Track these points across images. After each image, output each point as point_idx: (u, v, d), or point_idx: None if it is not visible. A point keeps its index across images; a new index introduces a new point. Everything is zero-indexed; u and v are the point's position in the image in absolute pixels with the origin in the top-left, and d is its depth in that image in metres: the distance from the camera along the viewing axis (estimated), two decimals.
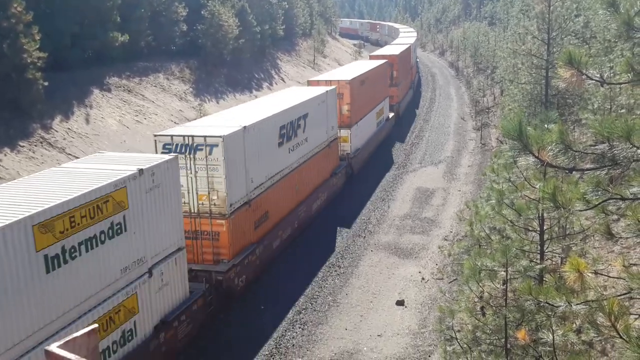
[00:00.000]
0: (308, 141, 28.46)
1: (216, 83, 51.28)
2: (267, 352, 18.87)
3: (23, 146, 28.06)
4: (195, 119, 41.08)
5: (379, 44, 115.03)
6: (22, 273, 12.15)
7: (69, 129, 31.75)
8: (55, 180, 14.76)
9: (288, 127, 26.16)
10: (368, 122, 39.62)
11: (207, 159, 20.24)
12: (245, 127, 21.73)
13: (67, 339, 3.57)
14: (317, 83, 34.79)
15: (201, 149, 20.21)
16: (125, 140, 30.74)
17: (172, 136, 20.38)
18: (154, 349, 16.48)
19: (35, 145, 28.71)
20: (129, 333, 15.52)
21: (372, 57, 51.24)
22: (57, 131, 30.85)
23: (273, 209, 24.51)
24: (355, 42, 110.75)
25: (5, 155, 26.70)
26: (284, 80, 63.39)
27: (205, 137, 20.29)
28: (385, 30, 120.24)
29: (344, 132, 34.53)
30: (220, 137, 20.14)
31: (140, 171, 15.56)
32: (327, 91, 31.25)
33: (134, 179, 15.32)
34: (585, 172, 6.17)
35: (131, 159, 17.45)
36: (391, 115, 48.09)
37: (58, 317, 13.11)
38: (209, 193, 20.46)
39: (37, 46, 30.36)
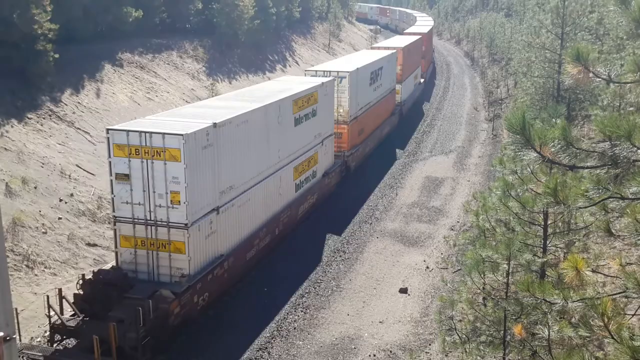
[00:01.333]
0: (382, 86, 40.12)
1: (229, 63, 51.11)
2: (268, 334, 18.94)
3: (31, 118, 28.07)
4: (206, 99, 41.07)
5: (389, 29, 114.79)
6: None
7: (78, 103, 31.74)
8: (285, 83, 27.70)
9: (374, 74, 37.49)
10: (409, 82, 51.33)
11: (338, 87, 31.33)
12: (358, 68, 33.63)
13: None
14: (379, 49, 47.65)
15: (344, 77, 32.03)
16: (135, 117, 30.67)
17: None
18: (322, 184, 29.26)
19: (44, 118, 28.72)
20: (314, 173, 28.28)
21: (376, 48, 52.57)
22: (66, 105, 30.84)
23: (367, 125, 36.72)
24: (372, 27, 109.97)
25: (12, 126, 26.72)
26: (297, 63, 63.12)
27: (338, 71, 32.30)
28: (396, 15, 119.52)
29: (397, 86, 45.65)
30: (347, 72, 32.10)
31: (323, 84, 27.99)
32: (392, 53, 42.89)
33: (321, 87, 27.92)
34: (585, 169, 6.09)
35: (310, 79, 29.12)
36: (422, 80, 59.98)
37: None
38: (338, 108, 31.84)
39: (49, 17, 30.25)
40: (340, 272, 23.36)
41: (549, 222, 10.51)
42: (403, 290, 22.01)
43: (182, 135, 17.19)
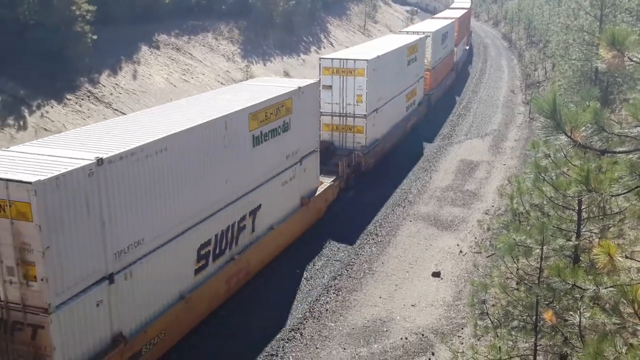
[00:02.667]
0: (447, 47, 50.18)
1: (264, 45, 51.16)
2: (300, 315, 19.11)
3: (70, 99, 28.60)
4: (241, 81, 41.23)
5: (419, 6, 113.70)
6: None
7: (116, 84, 32.21)
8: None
9: (443, 36, 47.67)
10: (461, 47, 60.13)
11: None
12: (438, 29, 45.47)
13: None
14: (439, 18, 56.97)
15: (429, 36, 42.59)
16: (171, 98, 31.02)
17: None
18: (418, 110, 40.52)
19: (82, 99, 29.24)
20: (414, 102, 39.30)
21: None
22: (104, 86, 31.33)
23: (439, 74, 47.16)
24: (408, 8, 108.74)
25: (52, 107, 27.28)
26: (332, 45, 62.84)
27: (424, 32, 43.10)
28: None
29: (454, 48, 54.74)
30: (430, 32, 43.60)
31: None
32: (452, 21, 52.75)
33: (419, 41, 37.26)
34: (618, 154, 5.95)
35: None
36: (467, 47, 69.40)
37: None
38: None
39: None
40: (372, 254, 23.38)
41: (583, 206, 10.35)
42: (436, 274, 21.93)
43: (366, 60, 28.43)
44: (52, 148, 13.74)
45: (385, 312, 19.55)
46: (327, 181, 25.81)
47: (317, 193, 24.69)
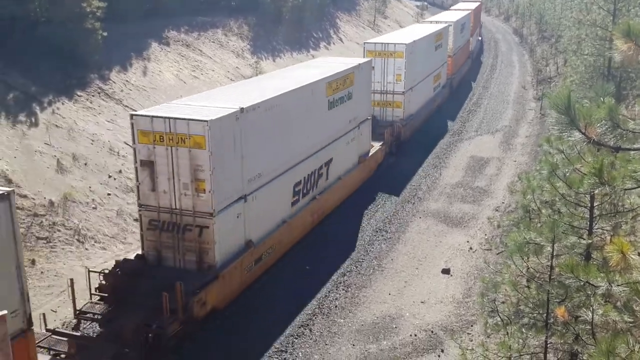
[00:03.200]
0: (464, 36, 54.42)
1: (274, 41, 51.10)
2: (310, 311, 19.11)
3: (80, 96, 28.68)
4: (251, 77, 41.22)
5: (435, 5, 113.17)
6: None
7: (126, 80, 32.28)
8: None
9: (462, 26, 51.82)
10: (475, 37, 64.28)
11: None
12: (458, 19, 49.58)
13: None
14: (456, 10, 60.94)
15: (450, 25, 46.83)
16: (181, 95, 31.04)
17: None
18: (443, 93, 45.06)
19: (93, 96, 29.32)
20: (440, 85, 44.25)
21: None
22: (114, 82, 31.40)
23: (459, 60, 51.92)
24: (418, 3, 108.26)
25: (63, 104, 27.37)
26: (342, 41, 62.69)
27: (446, 21, 47.66)
28: None
29: (470, 38, 58.88)
30: (452, 21, 47.21)
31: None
32: (468, 13, 56.64)
33: (444, 29, 41.11)
34: (632, 151, 5.87)
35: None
36: (480, 38, 73.19)
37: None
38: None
39: None
40: (382, 251, 23.35)
41: (595, 203, 10.26)
42: (445, 271, 21.88)
43: (405, 44, 33.22)
44: (207, 100, 19.14)
45: (395, 308, 19.53)
46: (376, 145, 30.56)
47: (370, 154, 29.71)
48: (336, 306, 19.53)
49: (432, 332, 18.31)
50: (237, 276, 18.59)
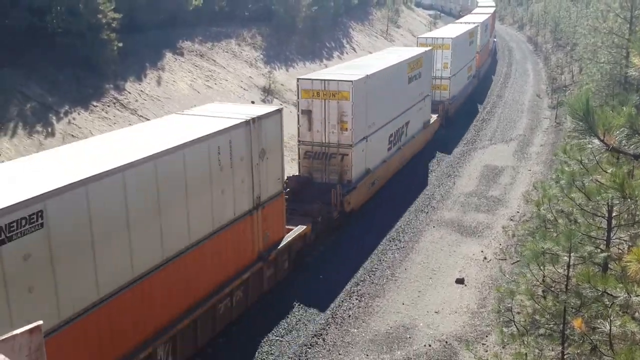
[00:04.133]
0: (486, 36, 59.85)
1: (287, 51, 51.29)
2: (323, 321, 19.05)
3: (96, 106, 28.93)
4: (264, 86, 41.34)
5: (437, 9, 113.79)
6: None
7: (141, 91, 32.52)
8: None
9: (485, 27, 58.33)
10: (492, 39, 70.39)
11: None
12: (483, 20, 56.76)
13: (5, 336, 2.95)
14: (477, 14, 65.77)
15: (478, 25, 53.57)
16: (195, 104, 31.20)
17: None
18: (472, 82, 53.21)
19: (108, 106, 29.56)
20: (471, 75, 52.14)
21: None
22: (129, 92, 31.64)
23: (483, 56, 58.71)
24: (431, 12, 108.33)
25: (78, 114, 27.61)
26: (355, 50, 62.80)
27: (474, 22, 54.10)
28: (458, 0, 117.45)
29: (491, 40, 67.08)
30: (479, 23, 54.31)
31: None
32: (489, 16, 63.25)
33: (474, 29, 48.96)
34: None
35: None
36: (495, 39, 77.80)
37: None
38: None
39: (112, 7, 31.09)
40: (395, 261, 23.25)
41: (613, 213, 10.15)
42: (460, 281, 21.72)
43: (450, 38, 42.00)
44: (339, 71, 27.99)
45: (409, 318, 19.41)
46: (434, 117, 38.79)
47: (431, 122, 37.93)
48: (349, 316, 19.45)
49: (446, 342, 18.17)
50: (364, 190, 27.11)
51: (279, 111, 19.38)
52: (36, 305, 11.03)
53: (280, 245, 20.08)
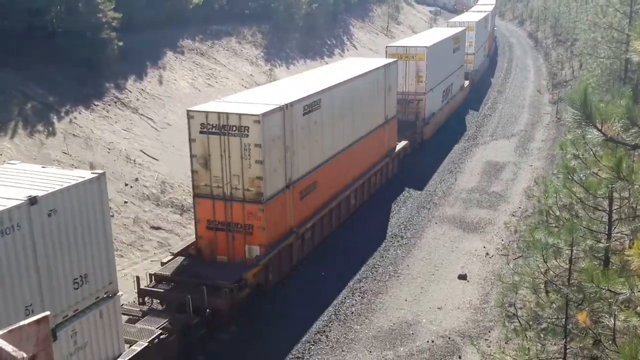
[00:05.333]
0: (491, 24, 66.54)
1: (287, 48, 51.28)
2: (326, 318, 19.08)
3: (97, 105, 28.94)
4: (264, 84, 41.37)
5: (425, 3, 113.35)
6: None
7: (142, 89, 32.53)
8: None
9: (492, 16, 67.28)
10: (493, 29, 75.36)
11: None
12: (490, 10, 65.72)
13: (12, 327, 3.02)
14: (484, 4, 72.48)
15: (487, 13, 63.45)
16: (196, 103, 31.19)
17: None
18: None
19: (109, 105, 29.57)
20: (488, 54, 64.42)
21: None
22: (130, 92, 31.65)
23: (490, 42, 66.14)
24: (431, 9, 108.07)
25: (79, 113, 27.63)
26: (355, 47, 62.77)
27: (484, 12, 62.63)
28: None
29: (494, 28, 74.75)
30: (489, 10, 65.71)
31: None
32: (494, 6, 70.92)
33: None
34: None
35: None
36: (495, 28, 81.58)
37: None
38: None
39: (112, 6, 31.08)
40: (397, 257, 23.28)
41: (614, 207, 10.16)
42: (462, 277, 21.76)
43: (475, 21, 53.44)
44: (414, 39, 43.05)
45: (411, 315, 19.45)
46: (466, 82, 49.00)
47: (465, 85, 48.52)
48: (352, 312, 19.49)
49: (449, 338, 18.20)
50: (433, 126, 37.84)
51: (396, 62, 31.48)
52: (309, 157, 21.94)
53: (396, 150, 31.79)
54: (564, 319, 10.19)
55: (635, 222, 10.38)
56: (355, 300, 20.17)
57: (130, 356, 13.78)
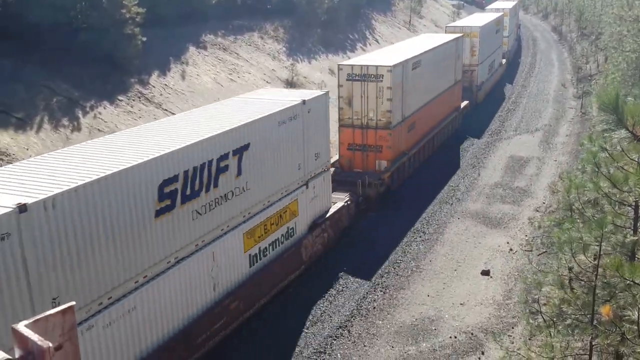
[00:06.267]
0: (516, 15, 70.58)
1: (309, 43, 51.20)
2: (348, 313, 19.08)
3: (121, 100, 29.19)
4: (287, 79, 41.37)
5: (473, 3, 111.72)
6: None
7: (165, 85, 32.72)
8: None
9: (515, 10, 68.84)
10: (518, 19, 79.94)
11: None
12: (515, 3, 67.75)
13: (38, 317, 3.01)
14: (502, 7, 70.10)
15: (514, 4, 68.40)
16: (219, 98, 31.33)
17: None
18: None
19: (133, 100, 29.80)
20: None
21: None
22: (154, 87, 31.87)
23: (515, 28, 71.22)
24: (455, 2, 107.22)
25: (104, 108, 27.89)
26: (377, 42, 62.49)
27: (509, 4, 66.08)
28: None
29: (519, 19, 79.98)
30: (514, 3, 69.13)
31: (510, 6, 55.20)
32: (514, 4, 66.95)
33: (511, 8, 60.85)
34: None
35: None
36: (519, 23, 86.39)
37: None
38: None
39: (136, 2, 31.28)
40: (420, 252, 23.18)
41: None
42: (485, 273, 21.60)
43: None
44: (469, 19, 53.74)
45: (434, 310, 19.36)
46: (503, 60, 55.31)
47: (503, 62, 55.90)
48: (374, 307, 19.46)
49: (472, 334, 18.09)
50: (483, 92, 45.91)
51: (462, 37, 38.26)
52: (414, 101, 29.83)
53: (460, 107, 38.85)
54: (589, 315, 10.06)
55: None
56: (378, 296, 20.13)
57: (337, 207, 22.66)
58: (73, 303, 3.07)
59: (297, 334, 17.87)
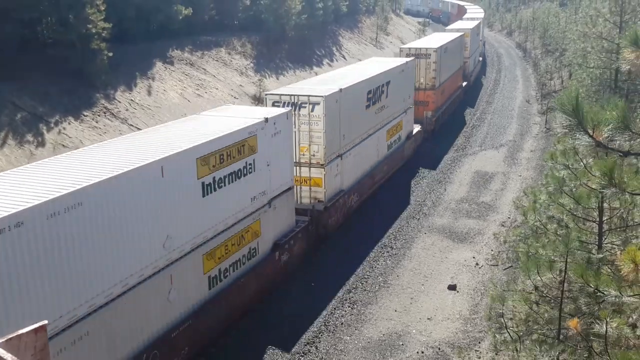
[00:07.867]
0: (480, 36, 71.17)
1: (277, 59, 51.34)
2: (315, 329, 18.99)
3: (87, 115, 28.83)
4: (254, 94, 41.38)
5: (439, 21, 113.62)
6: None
7: (131, 100, 32.43)
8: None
9: (478, 29, 67.49)
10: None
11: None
12: (481, 19, 74.50)
13: (10, 335, 2.99)
14: (470, 19, 72.07)
15: (480, 19, 75.36)
16: (185, 113, 31.16)
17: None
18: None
19: (99, 115, 29.46)
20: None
21: None
22: (120, 102, 31.55)
23: (479, 45, 71.74)
24: (420, 19, 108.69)
25: (69, 123, 27.51)
26: (344, 58, 62.96)
27: (476, 19, 72.25)
28: (447, 7, 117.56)
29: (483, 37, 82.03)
30: (479, 19, 72.93)
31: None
32: (477, 23, 66.10)
33: (473, 28, 60.71)
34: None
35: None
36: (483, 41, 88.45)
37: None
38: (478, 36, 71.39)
39: (102, 17, 31.04)
40: (387, 267, 23.24)
41: (604, 218, 10.19)
42: (452, 287, 21.73)
43: (470, 28, 57.43)
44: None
45: (401, 325, 19.39)
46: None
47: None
48: (342, 323, 19.41)
49: (439, 349, 18.16)
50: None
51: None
52: None
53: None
54: (555, 330, 10.18)
55: (625, 232, 10.39)
56: (345, 311, 20.09)
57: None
58: (45, 322, 3.04)
59: (263, 352, 17.71)
